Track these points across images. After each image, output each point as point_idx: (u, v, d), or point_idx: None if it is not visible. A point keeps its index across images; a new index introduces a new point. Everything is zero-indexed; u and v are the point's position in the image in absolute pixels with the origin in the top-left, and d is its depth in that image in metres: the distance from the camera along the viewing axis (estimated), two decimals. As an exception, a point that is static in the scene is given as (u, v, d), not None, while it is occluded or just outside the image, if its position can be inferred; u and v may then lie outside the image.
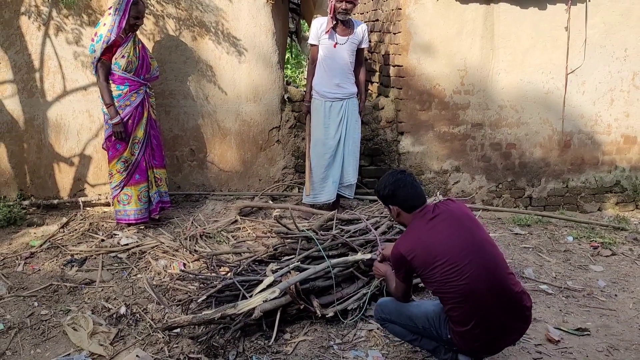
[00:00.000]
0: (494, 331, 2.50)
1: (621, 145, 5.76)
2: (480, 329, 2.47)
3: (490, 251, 2.53)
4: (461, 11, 5.23)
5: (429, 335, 2.72)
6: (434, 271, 2.46)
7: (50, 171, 5.00)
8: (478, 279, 2.43)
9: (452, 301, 2.48)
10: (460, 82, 5.37)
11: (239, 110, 5.22)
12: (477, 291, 2.43)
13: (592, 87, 5.56)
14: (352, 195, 5.04)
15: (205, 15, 4.98)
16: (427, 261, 2.47)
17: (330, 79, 4.71)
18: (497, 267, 2.50)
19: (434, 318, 2.65)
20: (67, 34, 4.82)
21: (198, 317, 2.87)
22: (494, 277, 2.47)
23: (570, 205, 5.78)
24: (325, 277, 3.26)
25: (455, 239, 2.50)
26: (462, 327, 2.50)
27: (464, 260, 2.44)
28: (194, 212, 4.94)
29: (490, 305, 2.45)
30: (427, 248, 2.48)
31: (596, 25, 5.43)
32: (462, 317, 2.48)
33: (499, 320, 2.49)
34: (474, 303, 2.44)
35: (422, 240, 2.51)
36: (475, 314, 2.45)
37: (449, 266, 2.44)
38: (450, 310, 2.52)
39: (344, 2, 4.50)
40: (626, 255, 4.50)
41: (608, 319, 3.45)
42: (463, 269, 2.43)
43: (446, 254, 2.45)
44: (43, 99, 4.89)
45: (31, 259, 4.04)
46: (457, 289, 2.44)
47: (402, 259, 2.53)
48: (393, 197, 2.65)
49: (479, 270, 2.44)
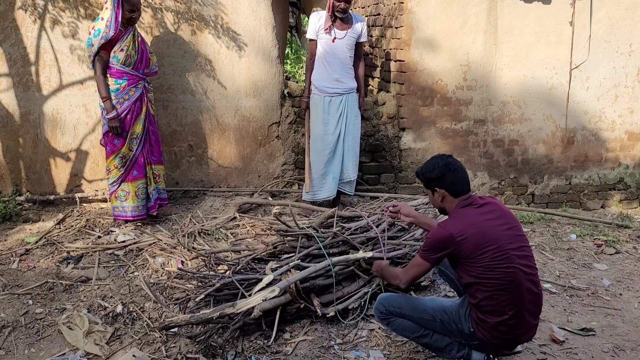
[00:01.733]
0: (523, 325, 2.54)
1: (625, 142, 5.69)
2: (515, 320, 2.50)
3: (528, 247, 2.61)
4: (464, 5, 5.16)
5: (445, 330, 2.66)
6: (484, 255, 2.47)
7: (46, 166, 4.93)
8: (521, 270, 2.50)
9: (494, 288, 2.48)
10: (462, 77, 5.30)
11: (238, 105, 5.14)
12: (518, 281, 2.48)
13: (597, 83, 5.50)
14: (353, 191, 4.98)
15: (205, 9, 4.90)
16: (480, 244, 2.48)
17: (330, 74, 4.64)
18: (532, 264, 2.59)
19: (452, 312, 2.65)
20: (63, 27, 4.74)
21: (196, 317, 2.81)
22: (530, 272, 2.55)
23: (573, 203, 5.72)
24: (326, 276, 3.20)
25: (504, 228, 2.56)
26: (496, 318, 2.50)
27: (512, 249, 2.51)
28: (193, 209, 4.88)
29: (526, 298, 2.51)
30: (481, 232, 2.50)
31: (601, 20, 5.36)
32: (500, 307, 2.49)
33: (530, 315, 2.54)
34: (514, 293, 2.48)
35: (475, 224, 2.53)
36: (514, 305, 2.49)
37: (499, 252, 2.47)
38: (487, 299, 2.49)
39: (342, 2, 4.43)
40: (630, 253, 4.44)
41: (613, 318, 3.40)
42: (511, 257, 2.49)
43: (497, 240, 2.49)
44: (39, 93, 4.81)
45: (26, 256, 3.97)
46: (503, 276, 2.47)
47: (449, 239, 2.51)
48: (441, 179, 2.64)
49: (522, 261, 2.52)
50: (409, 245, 3.56)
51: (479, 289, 2.51)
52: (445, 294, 3.50)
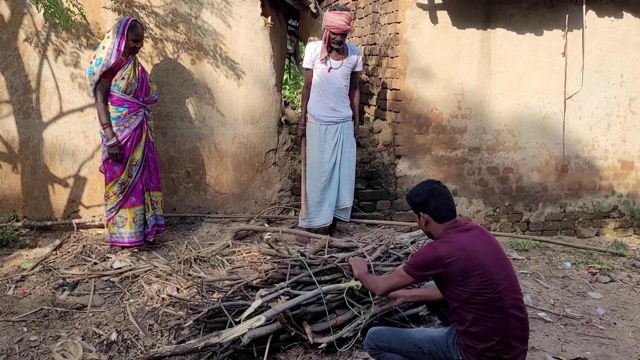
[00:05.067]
0: (511, 351, 2.52)
1: (618, 170, 5.75)
2: (502, 346, 2.50)
3: (512, 272, 2.64)
4: (458, 36, 5.27)
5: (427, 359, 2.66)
6: (471, 279, 2.49)
7: (44, 192, 4.97)
8: (507, 296, 2.52)
9: (481, 312, 2.49)
10: (457, 106, 5.38)
11: (236, 132, 5.21)
12: (504, 307, 2.50)
13: (589, 112, 5.58)
14: (348, 218, 5.01)
15: (204, 39, 5.00)
16: (467, 268, 2.50)
17: (325, 103, 4.71)
18: (517, 289, 2.62)
19: (440, 341, 2.64)
20: (64, 56, 4.82)
21: (181, 347, 2.81)
22: (515, 297, 2.57)
23: (568, 230, 5.75)
24: (318, 303, 3.20)
25: (491, 253, 2.59)
26: (484, 344, 2.50)
27: (497, 274, 2.53)
28: (189, 235, 4.89)
29: (512, 323, 2.52)
30: (469, 256, 2.52)
31: (592, 51, 5.47)
32: (486, 332, 2.49)
33: (517, 340, 2.54)
34: (500, 319, 2.49)
35: (464, 247, 2.55)
36: (500, 331, 2.49)
37: (486, 277, 2.49)
38: (473, 324, 2.50)
39: (338, 35, 4.53)
40: (625, 282, 4.45)
41: (607, 348, 3.40)
42: (497, 282, 2.51)
43: (484, 265, 2.52)
44: (39, 120, 4.87)
45: (22, 283, 3.98)
46: (489, 301, 2.48)
47: (438, 261, 2.53)
48: (425, 205, 2.69)
49: (507, 288, 2.53)
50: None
51: (466, 313, 2.52)
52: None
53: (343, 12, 4.50)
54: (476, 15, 5.25)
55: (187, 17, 4.94)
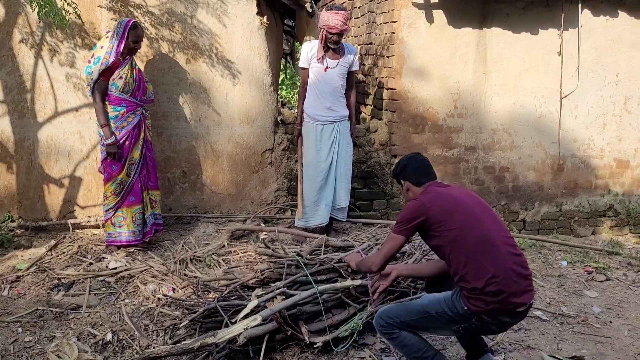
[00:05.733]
0: (512, 284, 2.53)
1: (614, 169, 5.77)
2: (500, 277, 2.51)
3: (498, 217, 2.77)
4: (454, 35, 5.27)
5: (443, 323, 2.64)
6: (454, 216, 2.59)
7: (39, 192, 4.95)
8: (494, 231, 2.62)
9: (471, 250, 2.54)
10: (453, 105, 5.38)
11: (232, 132, 5.20)
12: (494, 240, 2.58)
13: (585, 112, 5.59)
14: (345, 218, 5.01)
15: (200, 39, 4.99)
16: (448, 207, 2.62)
17: (322, 102, 4.71)
18: (506, 230, 2.73)
19: (445, 300, 2.64)
20: (59, 56, 4.81)
21: (177, 348, 2.80)
22: (506, 236, 2.66)
23: (564, 229, 5.76)
24: (315, 303, 3.19)
25: (471, 197, 2.76)
26: (481, 280, 2.50)
27: (481, 213, 2.66)
28: (185, 235, 4.88)
29: (507, 258, 2.57)
30: (448, 200, 2.67)
31: (588, 51, 5.48)
32: (481, 267, 2.52)
33: (517, 275, 2.55)
34: (492, 250, 2.55)
35: (442, 193, 2.71)
36: (494, 262, 2.53)
37: (468, 212, 2.62)
38: (467, 264, 2.53)
39: (335, 35, 4.53)
40: (620, 280, 4.46)
41: (603, 346, 3.40)
42: (481, 218, 2.63)
43: (465, 204, 2.67)
44: (34, 120, 4.85)
45: (17, 283, 3.96)
46: (477, 235, 2.56)
47: (420, 207, 2.64)
48: (404, 171, 2.86)
49: (494, 224, 2.65)
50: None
51: (458, 256, 2.56)
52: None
53: (340, 11, 4.50)
54: (472, 15, 5.26)
55: (182, 16, 4.93)
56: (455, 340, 3.30)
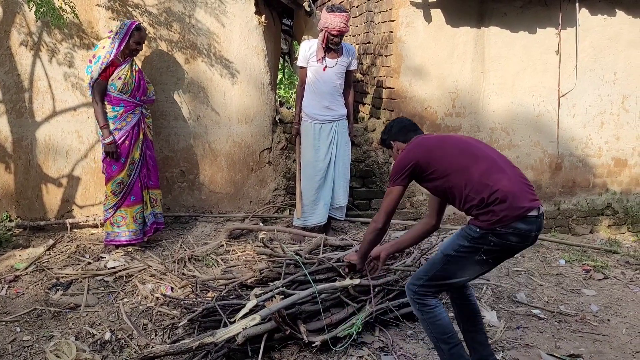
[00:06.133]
0: (516, 186, 2.57)
1: (612, 168, 5.77)
2: (503, 183, 2.55)
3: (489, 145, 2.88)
4: (452, 34, 5.27)
5: (464, 262, 2.62)
6: (443, 152, 2.68)
7: (37, 192, 4.94)
8: (487, 149, 2.74)
9: (467, 173, 2.60)
10: (451, 104, 5.38)
11: (230, 131, 5.20)
12: (488, 157, 2.67)
13: (582, 110, 5.60)
14: (343, 217, 5.01)
15: (198, 38, 4.98)
16: (436, 147, 2.73)
17: (320, 101, 4.71)
18: (497, 152, 2.81)
19: (457, 236, 2.66)
20: (57, 55, 4.80)
21: (175, 347, 2.79)
22: (497, 152, 2.78)
23: (562, 228, 5.77)
24: (313, 302, 3.20)
25: (459, 136, 2.96)
26: (485, 192, 2.54)
27: (470, 140, 2.81)
28: (184, 234, 4.88)
29: (502, 167, 2.64)
30: (433, 141, 2.81)
31: (585, 50, 5.49)
32: (481, 182, 2.57)
33: (515, 179, 2.61)
34: (488, 167, 2.61)
35: (428, 138, 2.86)
36: (491, 176, 2.58)
37: (457, 146, 2.72)
38: (468, 184, 2.59)
39: (336, 37, 4.53)
40: (618, 278, 4.47)
41: (601, 344, 3.41)
42: (472, 143, 2.76)
43: (452, 139, 2.84)
44: (32, 120, 4.85)
45: (15, 283, 3.95)
46: (470, 159, 2.64)
47: (409, 154, 2.73)
48: (390, 132, 2.98)
49: (485, 146, 2.78)
50: (399, 272, 3.57)
51: (459, 183, 2.61)
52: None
53: (342, 13, 4.50)
54: (470, 14, 5.26)
55: (180, 16, 4.93)
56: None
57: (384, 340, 3.25)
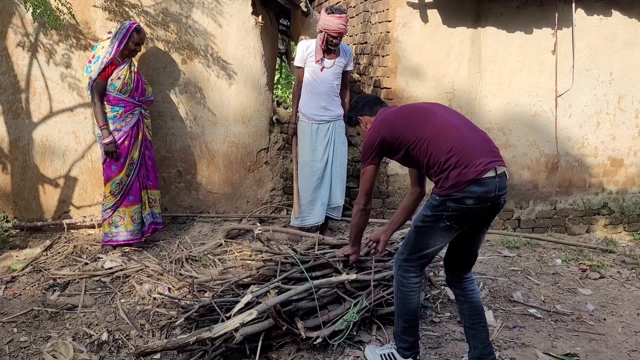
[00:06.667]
0: (469, 151, 2.61)
1: (608, 167, 5.79)
2: (457, 150, 2.60)
3: (458, 112, 2.91)
4: (449, 34, 5.28)
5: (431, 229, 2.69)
6: (406, 123, 2.73)
7: (34, 193, 4.94)
8: (450, 115, 2.78)
9: (428, 138, 2.65)
10: (448, 104, 5.39)
11: (227, 131, 5.20)
12: (450, 122, 2.72)
13: (579, 110, 5.61)
14: (340, 216, 5.01)
15: (195, 39, 4.99)
16: (399, 119, 2.77)
17: (317, 102, 4.72)
18: (464, 118, 2.86)
19: (423, 207, 2.74)
20: (54, 56, 4.80)
21: (172, 342, 2.80)
22: (464, 118, 2.84)
23: (558, 227, 5.78)
24: (310, 298, 3.20)
25: (426, 104, 2.96)
26: (442, 157, 2.61)
27: (435, 107, 2.86)
28: (181, 235, 4.89)
29: (463, 131, 2.69)
30: (396, 113, 2.83)
31: (582, 50, 5.50)
32: (440, 147, 2.62)
33: (473, 142, 2.65)
34: (449, 131, 2.66)
35: (391, 111, 2.89)
36: (450, 139, 2.63)
37: (420, 114, 2.77)
38: (429, 150, 2.64)
39: (336, 38, 4.54)
40: (614, 278, 4.49)
41: (597, 343, 3.42)
42: (434, 110, 2.81)
43: (416, 108, 2.89)
44: (28, 120, 4.85)
45: (12, 283, 3.95)
46: (432, 125, 2.70)
47: (373, 132, 2.80)
48: (356, 108, 3.03)
49: (450, 113, 2.83)
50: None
51: (421, 149, 2.67)
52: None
53: (342, 15, 4.51)
54: (466, 14, 5.28)
55: (177, 16, 4.93)
56: (450, 338, 3.32)
57: (381, 339, 3.26)
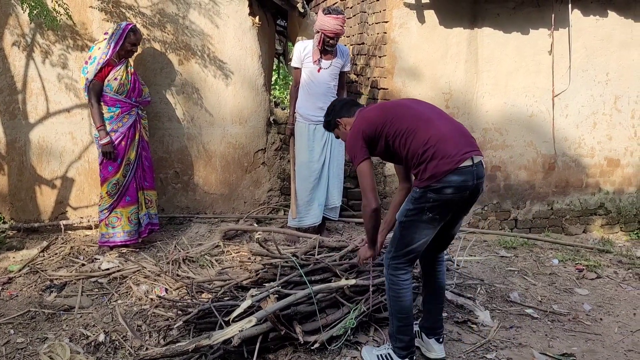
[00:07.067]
0: (445, 142, 2.65)
1: (604, 168, 5.81)
2: (434, 142, 2.65)
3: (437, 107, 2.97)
4: (445, 35, 5.29)
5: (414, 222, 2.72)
6: (385, 118, 2.78)
7: (31, 194, 4.93)
8: (427, 110, 2.85)
9: (407, 131, 2.71)
10: (445, 105, 5.40)
11: (225, 132, 5.20)
12: (426, 115, 2.78)
13: (575, 111, 5.63)
14: (337, 217, 5.02)
15: (192, 39, 4.98)
16: (377, 115, 2.82)
17: (314, 102, 4.72)
18: (442, 112, 2.92)
19: (405, 202, 2.81)
20: (51, 57, 4.79)
21: (171, 349, 2.78)
22: (440, 110, 2.91)
23: (555, 228, 5.80)
24: (309, 303, 3.20)
25: (405, 100, 3.03)
26: (419, 148, 2.66)
27: (412, 102, 2.94)
28: (178, 236, 4.88)
29: (438, 123, 2.75)
30: (374, 111, 2.88)
31: (578, 50, 5.52)
32: (418, 139, 2.68)
33: (449, 134, 2.70)
34: (426, 124, 2.72)
35: (369, 109, 2.93)
36: (427, 131, 2.69)
37: (398, 110, 2.83)
38: (407, 144, 2.71)
39: (333, 39, 4.54)
40: (611, 278, 4.50)
41: (594, 343, 3.43)
42: (411, 105, 2.88)
43: (394, 104, 2.96)
44: (25, 121, 4.84)
45: (9, 285, 3.94)
46: (410, 119, 2.75)
47: (355, 131, 2.84)
48: (334, 111, 3.06)
49: (427, 107, 2.89)
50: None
51: (401, 141, 2.73)
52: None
53: (339, 16, 4.51)
54: (463, 15, 5.29)
55: (174, 17, 4.93)
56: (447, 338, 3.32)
57: (378, 340, 3.26)
